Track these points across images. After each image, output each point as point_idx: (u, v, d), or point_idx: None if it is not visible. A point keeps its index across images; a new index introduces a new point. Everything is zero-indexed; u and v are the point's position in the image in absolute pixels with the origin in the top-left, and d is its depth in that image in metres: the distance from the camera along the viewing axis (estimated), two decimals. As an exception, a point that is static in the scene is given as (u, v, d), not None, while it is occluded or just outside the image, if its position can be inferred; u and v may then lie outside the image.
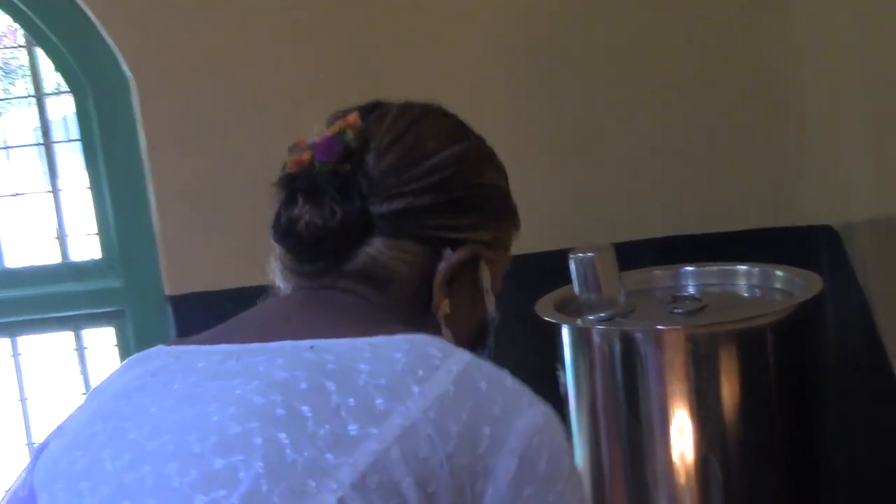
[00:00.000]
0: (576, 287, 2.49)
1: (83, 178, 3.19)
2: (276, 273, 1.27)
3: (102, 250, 3.22)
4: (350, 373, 1.05)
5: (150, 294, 3.17)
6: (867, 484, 2.75)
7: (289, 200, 1.23)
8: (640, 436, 2.45)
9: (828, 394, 2.86)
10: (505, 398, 1.07)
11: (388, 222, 1.20)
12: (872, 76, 2.34)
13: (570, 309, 2.57)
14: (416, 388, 1.04)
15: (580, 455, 2.55)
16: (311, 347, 1.09)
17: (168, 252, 3.10)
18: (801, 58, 2.95)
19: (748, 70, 3.01)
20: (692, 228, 3.06)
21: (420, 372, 1.05)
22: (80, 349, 3.35)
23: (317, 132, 1.27)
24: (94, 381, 3.30)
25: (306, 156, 1.24)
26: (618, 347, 2.45)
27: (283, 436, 1.01)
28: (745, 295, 2.73)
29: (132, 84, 3.04)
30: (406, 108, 1.28)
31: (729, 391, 2.42)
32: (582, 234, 2.88)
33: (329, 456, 1.00)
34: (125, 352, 3.23)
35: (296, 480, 0.99)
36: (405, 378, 1.04)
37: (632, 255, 2.85)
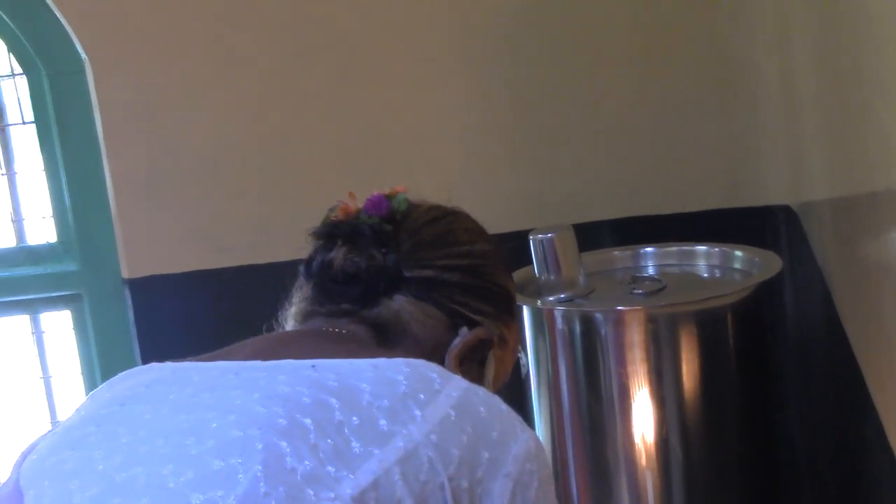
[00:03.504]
0: (535, 268, 2.49)
1: (38, 160, 3.16)
2: (288, 319, 1.32)
3: (59, 233, 3.19)
4: (353, 391, 1.06)
5: (108, 277, 3.14)
6: (827, 461, 2.77)
7: (327, 245, 1.29)
8: (601, 416, 2.46)
9: (787, 372, 2.88)
10: (502, 423, 1.11)
11: (416, 285, 1.27)
12: (827, 56, 2.35)
13: (530, 290, 2.57)
14: (418, 413, 1.06)
15: (541, 436, 2.56)
16: (313, 366, 1.10)
17: (125, 235, 3.08)
18: (757, 38, 2.95)
19: (705, 51, 3.02)
20: (651, 209, 3.07)
21: (422, 396, 1.08)
22: (38, 333, 3.32)
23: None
24: (52, 365, 3.29)
25: (353, 207, 1.31)
26: (578, 328, 2.45)
27: (284, 444, 1.01)
28: (705, 275, 2.74)
29: (87, 65, 3.01)
30: (438, 205, 1.37)
31: (689, 371, 2.43)
32: (541, 216, 2.88)
33: (330, 468, 1.00)
34: (83, 335, 3.21)
35: (294, 487, 0.99)
36: (407, 401, 1.07)
37: (591, 235, 2.85)
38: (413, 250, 1.28)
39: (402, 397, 1.07)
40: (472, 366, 1.30)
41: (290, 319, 1.32)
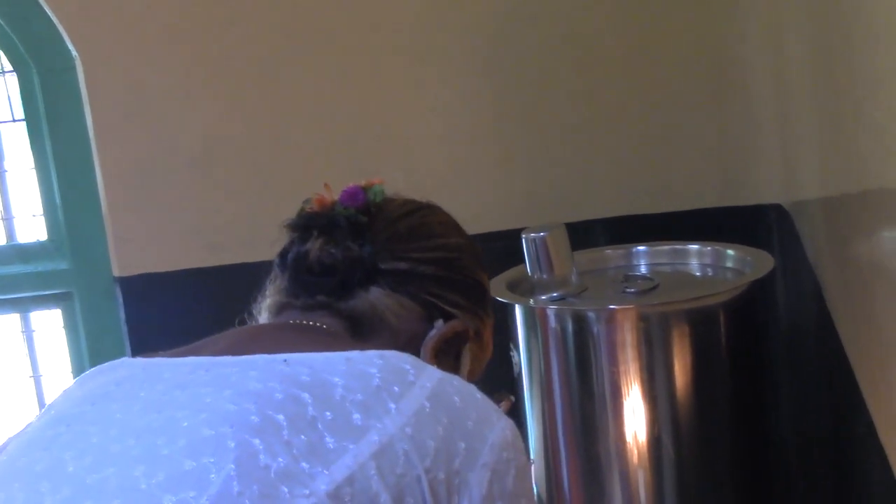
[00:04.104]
0: (528, 267, 2.49)
1: (28, 158, 3.15)
2: (262, 311, 1.31)
3: (49, 232, 3.18)
4: (325, 386, 1.05)
5: (98, 276, 3.14)
6: (818, 460, 2.77)
7: (303, 237, 1.29)
8: (593, 415, 2.46)
9: (779, 371, 2.88)
10: (477, 412, 1.10)
11: (391, 277, 1.27)
12: (819, 55, 2.35)
13: (523, 289, 2.57)
14: (392, 406, 1.05)
15: (533, 434, 2.55)
16: (285, 361, 1.09)
17: (116, 233, 3.07)
18: (749, 37, 2.95)
19: (697, 49, 3.02)
20: (644, 208, 3.07)
21: (396, 388, 1.07)
22: (28, 332, 3.31)
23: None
24: (43, 364, 3.28)
25: (329, 199, 1.31)
26: (570, 327, 2.45)
27: (256, 441, 1.00)
28: (697, 274, 2.74)
29: (78, 63, 3.00)
30: (412, 199, 1.37)
31: (681, 370, 2.43)
32: (534, 214, 2.88)
33: (304, 465, 0.99)
34: (73, 334, 3.20)
35: (268, 485, 0.98)
36: (381, 394, 1.06)
37: (584, 234, 2.85)
38: (388, 242, 1.28)
39: (376, 390, 1.06)
40: (447, 359, 1.30)
41: (263, 312, 1.31)
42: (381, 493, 1.00)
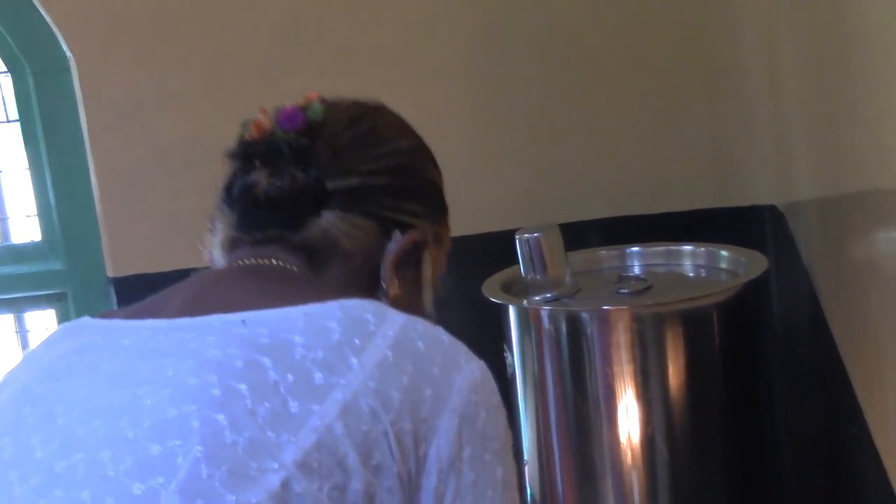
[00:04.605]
0: (522, 267, 2.49)
1: (23, 159, 3.15)
2: (214, 247, 1.27)
3: (43, 232, 3.18)
4: (285, 347, 1.03)
5: (93, 276, 3.13)
6: (813, 461, 2.77)
7: (245, 167, 1.24)
8: (587, 416, 2.46)
9: (773, 372, 2.88)
10: (443, 356, 1.07)
11: (342, 197, 1.21)
12: (814, 56, 2.35)
13: (517, 289, 2.57)
14: (354, 361, 1.03)
15: (527, 436, 2.55)
16: (243, 322, 1.06)
17: (110, 233, 3.07)
18: (744, 38, 2.96)
19: (692, 51, 3.02)
20: (637, 209, 3.07)
21: (357, 341, 1.04)
22: (22, 332, 3.31)
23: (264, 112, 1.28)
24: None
25: (267, 123, 1.25)
26: (564, 328, 2.45)
27: (220, 417, 0.98)
28: (691, 275, 2.74)
29: (72, 63, 2.99)
30: (358, 101, 1.32)
31: (675, 371, 2.43)
32: (528, 215, 2.88)
33: (270, 434, 0.98)
34: (67, 335, 3.19)
35: (237, 464, 0.96)
36: (342, 349, 1.03)
37: (578, 235, 2.85)
38: (335, 159, 1.22)
39: (337, 346, 1.03)
40: (407, 270, 1.26)
41: (215, 248, 1.27)
42: (349, 452, 0.99)
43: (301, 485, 0.97)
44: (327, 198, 1.21)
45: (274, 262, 1.20)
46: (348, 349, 1.03)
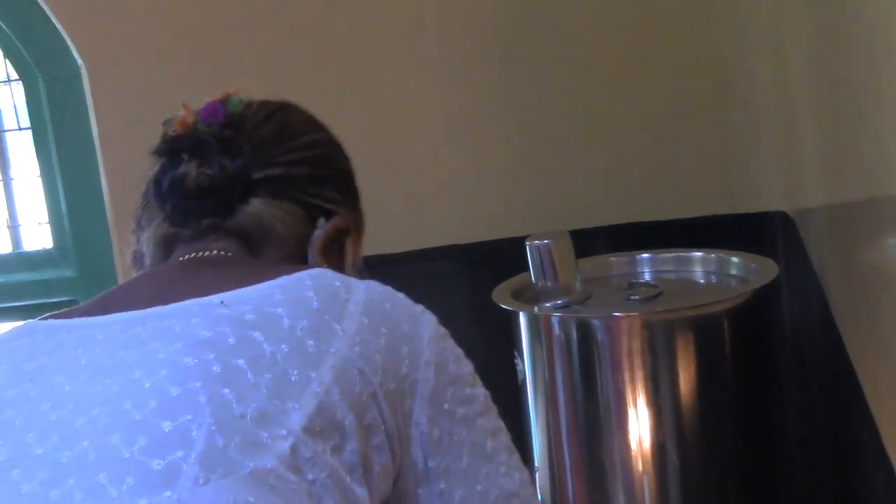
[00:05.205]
0: (532, 274, 2.49)
1: (34, 166, 3.16)
2: (144, 246, 1.29)
3: (55, 239, 3.19)
4: (271, 319, 1.06)
5: (104, 283, 3.13)
6: (824, 468, 2.77)
7: (173, 161, 1.28)
8: (597, 422, 2.45)
9: (784, 379, 2.88)
10: (407, 312, 1.13)
11: (267, 186, 1.26)
12: (822, 62, 2.35)
13: (527, 296, 2.57)
14: (337, 327, 1.06)
15: (538, 442, 2.55)
16: (222, 302, 1.08)
17: (121, 241, 3.07)
18: (752, 44, 2.96)
19: (701, 57, 3.02)
20: (648, 215, 3.07)
21: (335, 309, 1.08)
22: (33, 339, 3.31)
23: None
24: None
25: (190, 118, 1.31)
26: (574, 334, 2.45)
27: (226, 391, 0.99)
28: (701, 281, 2.74)
29: (83, 71, 3.00)
30: (266, 100, 1.36)
31: (685, 377, 2.43)
32: (538, 222, 2.88)
33: (276, 402, 1.00)
34: (78, 342, 3.20)
35: (248, 433, 0.98)
36: (323, 317, 1.07)
37: (588, 242, 2.85)
38: (258, 150, 1.27)
39: (318, 314, 1.06)
40: (332, 256, 1.30)
41: (149, 247, 1.28)
42: (347, 415, 1.03)
43: (308, 448, 1.00)
44: (254, 186, 1.25)
45: (215, 252, 1.23)
46: (329, 317, 1.07)
